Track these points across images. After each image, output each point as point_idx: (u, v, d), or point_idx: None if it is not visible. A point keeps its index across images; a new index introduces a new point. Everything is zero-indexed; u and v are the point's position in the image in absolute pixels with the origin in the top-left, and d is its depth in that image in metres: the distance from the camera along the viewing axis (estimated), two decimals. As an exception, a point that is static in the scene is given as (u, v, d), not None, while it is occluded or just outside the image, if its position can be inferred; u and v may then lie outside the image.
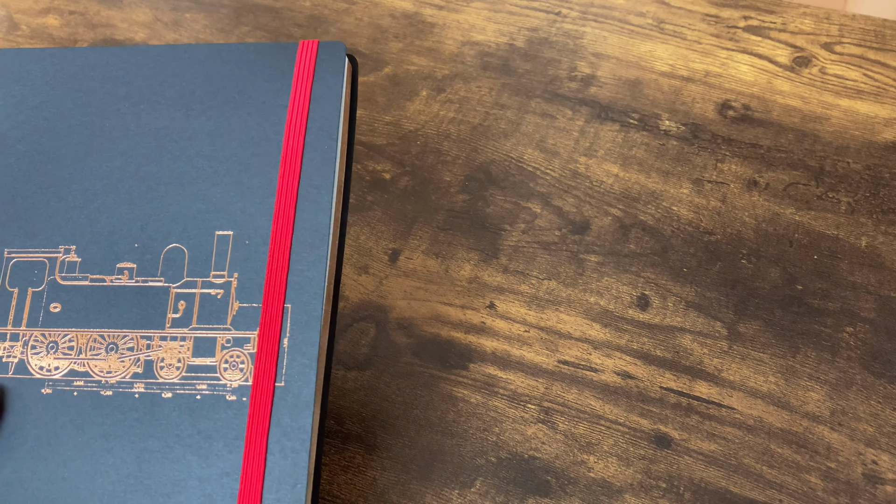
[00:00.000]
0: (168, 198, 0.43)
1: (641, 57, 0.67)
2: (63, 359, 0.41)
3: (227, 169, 0.43)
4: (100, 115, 0.45)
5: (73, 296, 0.42)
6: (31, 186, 0.44)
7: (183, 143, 0.44)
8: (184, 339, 0.40)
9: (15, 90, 0.46)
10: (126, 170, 0.44)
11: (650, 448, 0.48)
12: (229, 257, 0.41)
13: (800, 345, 0.51)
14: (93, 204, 0.43)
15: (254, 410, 0.38)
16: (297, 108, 0.43)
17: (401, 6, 0.72)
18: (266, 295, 0.40)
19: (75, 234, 0.43)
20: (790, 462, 0.47)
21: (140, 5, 0.74)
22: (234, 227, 0.42)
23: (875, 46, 0.66)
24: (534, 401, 0.49)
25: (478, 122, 0.63)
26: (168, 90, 0.45)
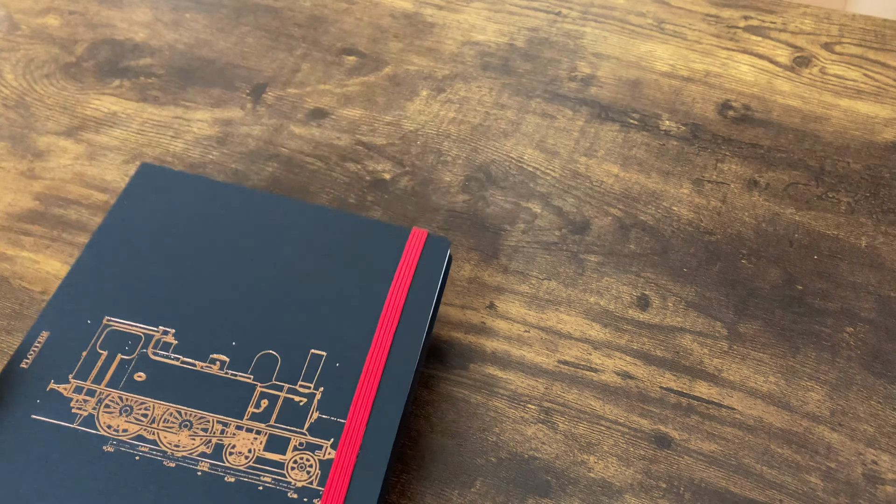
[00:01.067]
0: (272, 311, 0.46)
1: (641, 57, 0.67)
2: (134, 423, 0.41)
3: (332, 301, 0.47)
4: (223, 245, 0.48)
5: (160, 371, 0.43)
6: (147, 273, 0.47)
7: (295, 278, 0.47)
8: (259, 433, 0.42)
9: (154, 199, 0.50)
10: (238, 282, 0.46)
11: (650, 448, 0.48)
12: (318, 373, 0.44)
13: (800, 345, 0.51)
14: (202, 300, 0.46)
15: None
16: (400, 281, 0.48)
17: (401, 6, 0.72)
18: (352, 411, 0.43)
19: (178, 318, 0.45)
20: (790, 462, 0.47)
21: (140, 5, 0.74)
22: (329, 349, 0.45)
23: (875, 46, 0.66)
24: (534, 401, 0.49)
25: (478, 122, 0.63)
26: (291, 237, 0.49)
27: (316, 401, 0.43)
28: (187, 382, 0.43)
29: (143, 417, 0.41)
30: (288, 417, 0.42)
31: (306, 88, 0.66)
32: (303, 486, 0.40)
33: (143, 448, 0.41)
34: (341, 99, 0.65)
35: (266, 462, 0.41)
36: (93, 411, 0.41)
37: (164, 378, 0.43)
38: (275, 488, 0.40)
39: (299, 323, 0.46)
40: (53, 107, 0.67)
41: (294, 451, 0.41)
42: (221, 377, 0.43)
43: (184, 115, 0.65)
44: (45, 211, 0.60)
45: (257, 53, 0.69)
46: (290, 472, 0.41)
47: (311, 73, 0.67)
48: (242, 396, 0.43)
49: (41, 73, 0.69)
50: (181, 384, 0.43)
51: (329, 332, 0.45)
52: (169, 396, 0.42)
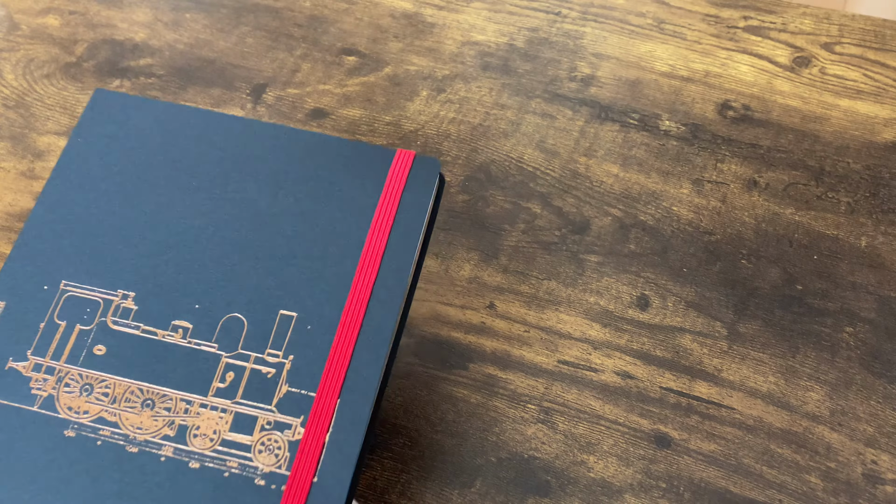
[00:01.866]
0: (239, 267, 0.42)
1: (641, 57, 0.67)
2: (95, 404, 0.40)
3: (304, 252, 0.43)
4: (188, 174, 0.45)
5: (120, 342, 0.41)
6: (104, 226, 0.44)
7: (265, 219, 0.44)
8: (224, 411, 0.39)
9: (111, 130, 0.46)
10: (203, 230, 0.43)
11: (650, 448, 0.48)
12: (288, 338, 0.41)
13: (800, 345, 0.51)
14: (162, 256, 0.43)
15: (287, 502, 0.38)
16: (384, 213, 0.44)
17: (401, 6, 0.72)
18: (323, 385, 0.40)
19: (137, 282, 0.42)
20: (790, 462, 0.47)
21: (140, 5, 0.74)
22: (299, 309, 0.41)
23: (875, 46, 0.66)
24: (534, 401, 0.49)
25: (478, 122, 0.63)
26: (261, 166, 0.45)
27: (285, 372, 0.40)
28: (149, 355, 0.40)
29: (103, 397, 0.40)
30: (255, 392, 0.40)
31: (306, 88, 0.66)
32: (270, 470, 0.38)
33: (105, 432, 0.39)
34: (341, 99, 0.65)
35: (232, 445, 0.39)
36: (53, 391, 0.40)
37: (124, 350, 0.40)
38: (241, 474, 0.38)
39: (268, 276, 0.42)
40: (53, 107, 0.67)
41: (261, 432, 0.39)
42: (184, 347, 0.40)
43: (184, 115, 0.65)
44: (45, 211, 0.60)
45: (257, 53, 0.69)
46: (256, 455, 0.39)
47: (311, 73, 0.67)
48: (207, 369, 0.40)
49: (41, 73, 0.69)
50: (142, 357, 0.40)
51: (301, 287, 0.42)
52: (130, 372, 0.40)
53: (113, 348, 0.41)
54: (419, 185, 0.44)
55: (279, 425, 0.39)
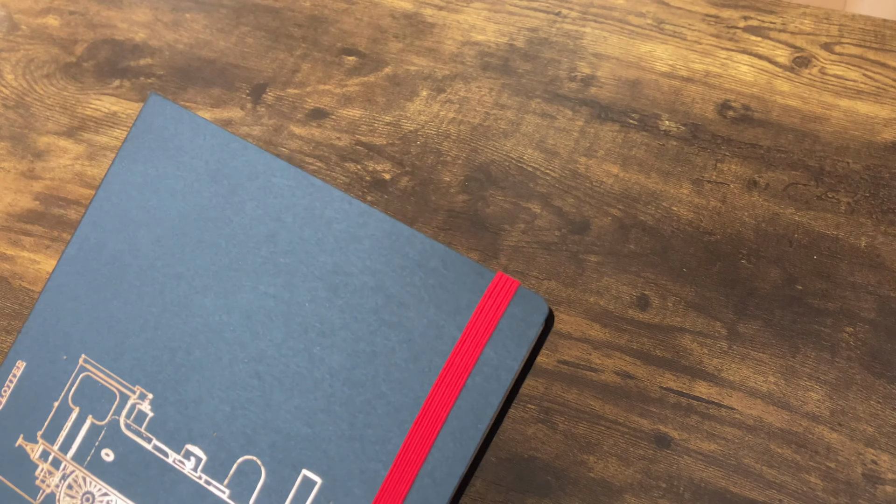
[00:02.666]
0: (270, 396, 0.35)
1: (641, 57, 0.67)
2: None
3: (347, 398, 0.35)
4: (236, 244, 0.37)
5: (129, 451, 0.37)
6: (136, 292, 0.38)
7: (313, 337, 0.36)
8: None
9: (160, 156, 0.39)
10: (238, 332, 0.36)
11: (650, 448, 0.48)
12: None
13: (800, 345, 0.51)
14: (189, 356, 0.37)
15: None
16: (457, 365, 0.34)
17: (401, 6, 0.72)
18: None
19: (158, 382, 0.37)
20: (790, 462, 0.47)
21: (140, 5, 0.74)
22: (325, 475, 0.34)
23: (875, 46, 0.66)
24: (534, 401, 0.49)
25: (478, 123, 0.63)
26: (323, 256, 0.36)
27: None
28: (156, 477, 0.36)
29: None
30: None
31: (306, 88, 0.66)
32: None
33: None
34: (341, 99, 0.65)
35: None
36: (56, 490, 0.37)
37: (132, 464, 0.37)
38: None
39: (300, 420, 0.35)
40: (53, 107, 0.67)
41: None
42: (193, 482, 0.36)
43: (184, 115, 0.65)
44: (45, 211, 0.60)
45: (257, 53, 0.69)
46: None
47: (311, 73, 0.67)
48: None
49: (41, 73, 0.69)
50: (149, 478, 0.37)
51: (334, 446, 0.34)
52: (133, 492, 0.37)
53: (121, 457, 0.37)
54: (514, 330, 0.34)
55: None
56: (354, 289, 0.35)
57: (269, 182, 0.37)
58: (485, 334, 0.33)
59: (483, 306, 0.34)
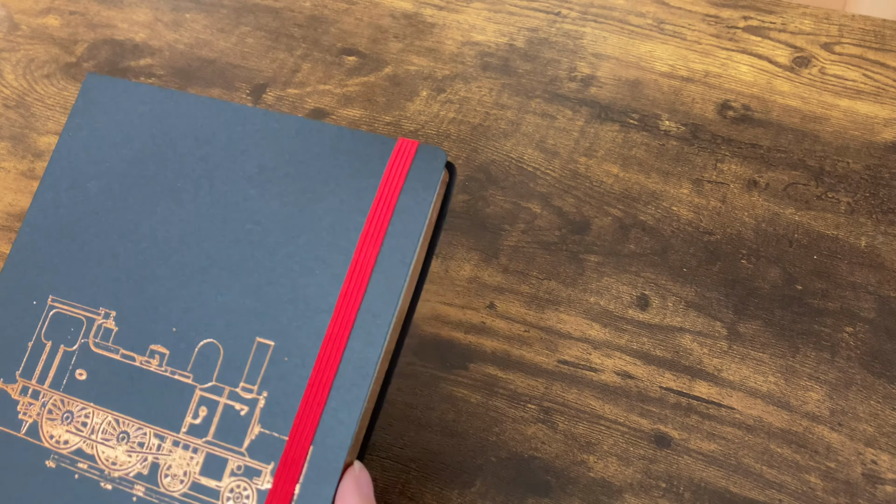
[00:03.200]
0: (219, 283, 0.40)
1: (641, 57, 0.67)
2: (75, 434, 0.40)
3: (286, 268, 0.40)
4: (174, 171, 0.43)
5: (100, 366, 0.40)
6: (94, 233, 0.43)
7: (249, 226, 0.41)
8: (195, 451, 0.38)
9: (101, 121, 0.45)
10: (184, 240, 0.41)
11: (650, 448, 0.48)
12: (263, 371, 0.38)
13: (800, 345, 0.51)
14: (144, 270, 0.41)
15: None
16: (376, 219, 0.39)
17: (401, 6, 0.72)
18: (295, 429, 0.37)
19: (119, 299, 0.41)
20: (790, 462, 0.47)
21: (140, 5, 0.74)
22: (277, 337, 0.39)
23: (875, 46, 0.66)
24: (534, 401, 0.49)
25: (478, 123, 0.63)
26: (248, 161, 0.42)
27: (258, 410, 0.38)
28: (126, 382, 0.40)
29: (83, 427, 0.40)
30: (227, 432, 0.38)
31: (306, 88, 0.66)
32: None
33: (83, 465, 0.39)
34: (341, 99, 0.65)
35: (201, 490, 0.37)
36: (37, 418, 0.40)
37: (104, 376, 0.40)
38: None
39: (248, 296, 0.39)
40: (53, 107, 0.67)
41: (231, 477, 0.37)
42: (160, 375, 0.39)
43: (184, 115, 0.65)
44: (46, 211, 0.60)
45: (257, 53, 0.69)
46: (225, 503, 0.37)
47: (311, 73, 0.67)
48: (181, 401, 0.39)
49: (41, 73, 0.69)
50: (120, 384, 0.40)
51: (281, 310, 0.39)
52: (108, 401, 0.40)
53: (93, 373, 0.40)
54: (421, 181, 0.39)
55: (249, 471, 0.37)
56: (279, 179, 0.41)
57: (196, 116, 0.44)
58: (397, 188, 0.39)
59: (391, 166, 0.40)
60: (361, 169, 0.40)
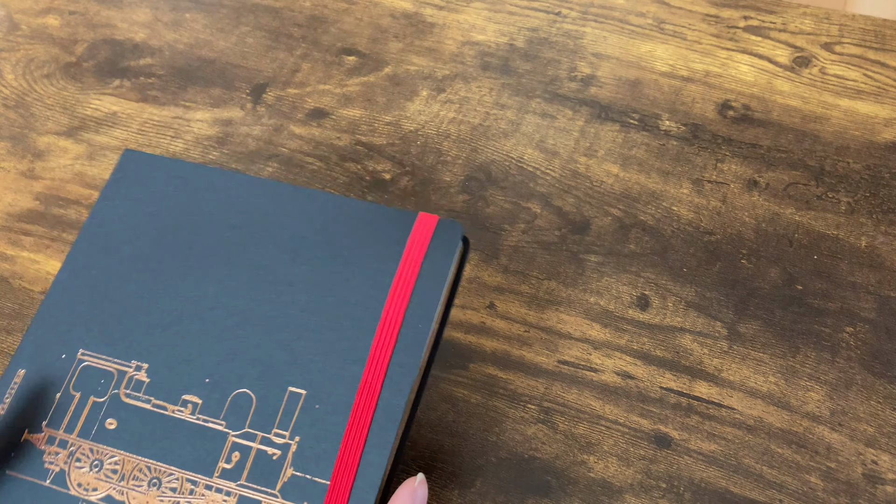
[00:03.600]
0: (251, 339, 0.42)
1: (641, 57, 0.67)
2: (104, 481, 0.40)
3: (317, 325, 0.42)
4: (208, 239, 0.45)
5: (131, 416, 0.41)
6: (124, 293, 0.44)
7: (280, 288, 0.43)
8: (228, 494, 0.39)
9: (136, 192, 0.47)
10: (218, 300, 0.43)
11: (650, 448, 0.48)
12: (295, 418, 0.40)
13: (800, 345, 0.51)
14: (176, 326, 0.43)
15: None
16: (401, 282, 0.42)
17: (401, 6, 0.72)
18: (336, 472, 0.39)
19: (151, 353, 0.42)
20: (790, 462, 0.47)
21: (140, 5, 0.74)
22: (309, 386, 0.41)
23: (875, 46, 0.66)
24: (534, 401, 0.49)
25: (478, 122, 0.63)
26: (280, 230, 0.45)
27: (290, 454, 0.39)
28: (158, 430, 0.41)
29: (112, 474, 0.40)
30: (260, 475, 0.39)
31: (306, 88, 0.66)
32: None
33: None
34: (341, 99, 0.65)
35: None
36: (64, 466, 0.40)
37: (134, 425, 0.41)
38: None
39: (280, 350, 0.42)
40: (53, 107, 0.67)
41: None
42: (193, 424, 0.40)
43: (184, 115, 0.65)
44: (45, 211, 0.60)
45: (257, 53, 0.69)
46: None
47: (311, 73, 0.67)
48: (214, 447, 0.40)
49: (41, 73, 0.69)
50: (152, 432, 0.40)
51: (312, 362, 0.41)
52: (139, 448, 0.40)
53: (124, 422, 0.41)
54: (440, 251, 0.43)
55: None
56: (309, 247, 0.44)
57: (229, 189, 0.46)
58: (419, 257, 0.43)
59: (413, 237, 0.44)
60: (386, 239, 0.44)
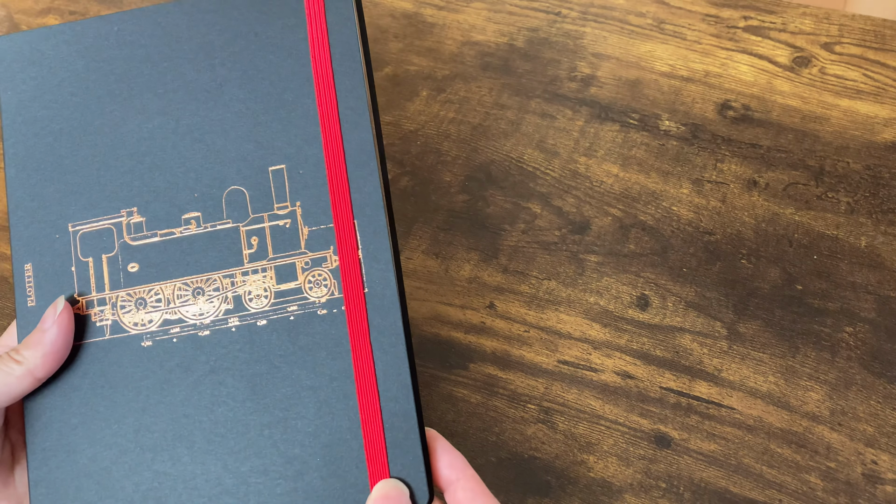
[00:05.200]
0: (215, 145, 0.44)
1: (641, 57, 0.67)
2: (154, 311, 0.43)
3: (264, 108, 0.44)
4: (125, 81, 0.46)
5: (147, 254, 0.44)
6: (78, 160, 0.45)
7: (215, 92, 0.45)
8: (265, 270, 0.43)
9: (33, 72, 0.47)
10: (166, 127, 0.45)
11: (650, 448, 0.48)
12: (288, 188, 0.43)
13: (800, 345, 0.51)
14: (143, 165, 0.45)
15: (351, 317, 0.41)
16: (316, 39, 0.45)
17: (401, 6, 0.72)
18: (335, 214, 0.43)
19: (134, 196, 0.44)
20: (790, 462, 0.47)
21: (140, 5, 0.74)
22: (285, 160, 0.44)
23: (875, 46, 0.66)
24: (534, 401, 0.49)
25: (478, 122, 0.63)
26: (186, 45, 0.46)
27: (299, 217, 0.43)
28: (177, 254, 0.43)
29: (158, 303, 0.43)
30: (283, 245, 0.43)
31: (306, 88, 0.66)
32: (326, 300, 0.42)
33: (175, 329, 0.42)
34: (341, 99, 0.65)
35: (285, 294, 0.42)
36: (113, 317, 0.43)
37: (154, 259, 0.43)
38: (304, 313, 0.42)
39: (244, 143, 0.44)
40: (53, 107, 0.67)
41: (304, 273, 0.42)
42: (203, 233, 0.43)
43: (184, 115, 0.65)
44: (46, 211, 0.60)
45: (257, 53, 0.69)
46: (309, 293, 0.42)
47: (311, 74, 0.67)
48: (232, 244, 0.43)
49: (41, 73, 0.69)
50: (173, 258, 0.43)
51: (276, 140, 0.44)
52: (169, 274, 0.43)
53: (144, 261, 0.44)
54: (338, 8, 0.46)
55: (315, 262, 0.42)
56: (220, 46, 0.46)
57: (117, 33, 0.47)
58: (323, 25, 0.45)
59: (308, 6, 0.45)
60: (284, 10, 0.46)
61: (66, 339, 0.42)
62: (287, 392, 0.41)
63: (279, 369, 0.41)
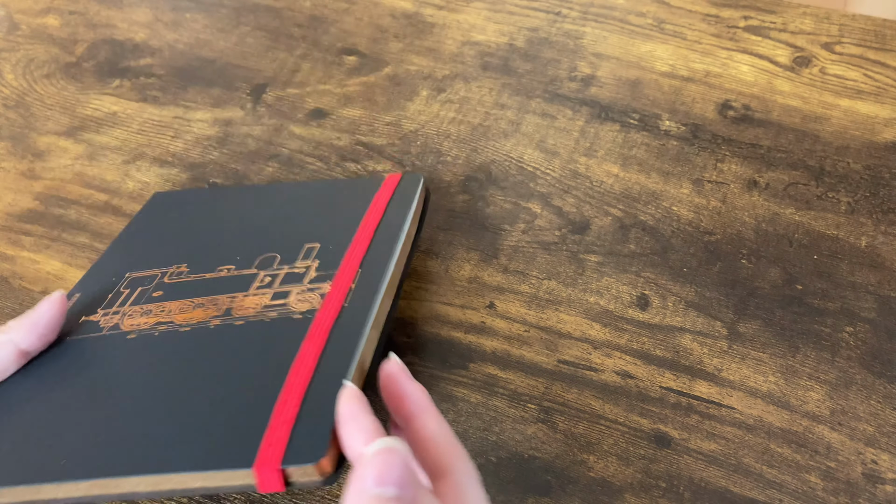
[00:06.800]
0: (269, 231, 0.52)
1: (641, 57, 0.67)
2: (153, 317, 0.46)
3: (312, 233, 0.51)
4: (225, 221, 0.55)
5: (175, 286, 0.48)
6: (162, 242, 0.53)
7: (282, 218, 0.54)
8: (265, 294, 0.47)
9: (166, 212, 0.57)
10: (238, 236, 0.52)
11: (650, 448, 0.48)
12: (315, 254, 0.49)
13: (800, 345, 0.51)
14: (203, 238, 0.52)
15: (318, 320, 0.44)
16: (372, 213, 0.52)
17: (401, 6, 0.72)
18: (343, 265, 0.48)
19: (189, 255, 0.51)
20: (790, 462, 0.47)
21: (140, 5, 0.74)
22: (321, 240, 0.50)
23: (875, 46, 0.66)
24: (534, 400, 0.49)
25: (478, 122, 0.63)
26: (278, 201, 0.56)
27: (314, 268, 0.48)
28: (200, 287, 0.48)
29: (160, 312, 0.46)
30: (289, 280, 0.47)
31: (306, 88, 0.66)
32: (306, 309, 0.44)
33: (162, 327, 0.45)
34: (341, 99, 0.65)
35: (272, 306, 0.45)
36: (118, 321, 0.46)
37: (179, 290, 0.48)
38: (280, 317, 0.44)
39: (294, 217, 0.53)
40: (53, 107, 0.67)
41: (297, 294, 0.46)
42: (229, 276, 0.48)
43: (184, 115, 0.65)
44: (45, 211, 0.60)
45: (257, 53, 0.69)
46: (293, 305, 0.45)
47: (311, 73, 0.67)
48: (249, 281, 0.48)
49: (41, 73, 0.69)
50: (195, 289, 0.48)
51: (319, 219, 0.52)
52: (181, 296, 0.47)
53: (169, 290, 0.48)
54: (405, 193, 0.53)
55: (312, 289, 0.46)
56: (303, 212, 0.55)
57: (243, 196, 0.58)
58: (387, 195, 0.53)
59: (383, 188, 0.54)
60: (361, 195, 0.54)
61: (50, 316, 0.44)
62: (227, 367, 0.42)
63: (235, 352, 0.43)
